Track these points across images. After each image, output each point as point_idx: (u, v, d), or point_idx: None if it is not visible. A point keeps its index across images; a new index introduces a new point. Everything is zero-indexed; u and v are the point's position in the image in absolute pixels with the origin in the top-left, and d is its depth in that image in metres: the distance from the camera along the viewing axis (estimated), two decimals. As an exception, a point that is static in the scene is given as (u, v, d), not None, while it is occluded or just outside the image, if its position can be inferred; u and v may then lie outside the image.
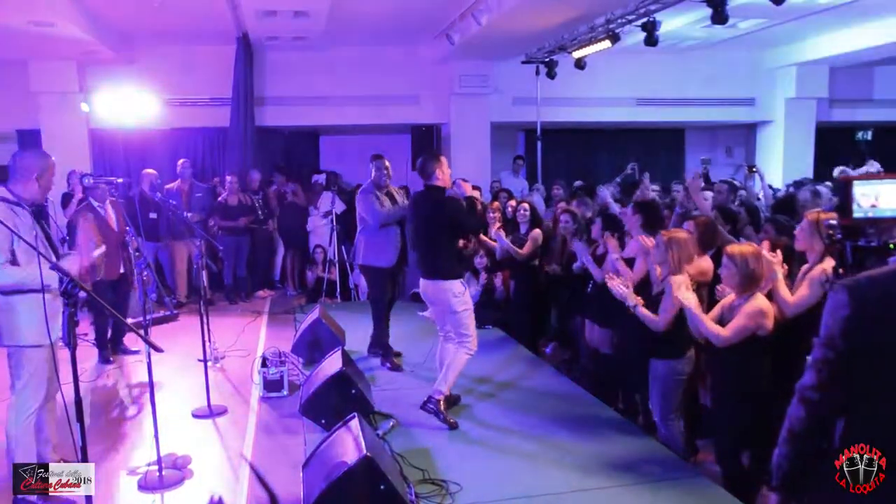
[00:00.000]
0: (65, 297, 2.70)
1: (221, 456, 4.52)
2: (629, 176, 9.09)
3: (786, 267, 3.96)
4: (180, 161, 9.35)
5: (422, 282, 5.17)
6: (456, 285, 4.99)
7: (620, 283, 4.38)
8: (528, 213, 6.89)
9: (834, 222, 3.08)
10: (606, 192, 8.07)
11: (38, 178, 3.72)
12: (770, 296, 3.87)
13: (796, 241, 4.04)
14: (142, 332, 3.51)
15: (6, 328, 3.64)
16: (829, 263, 3.57)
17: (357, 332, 6.61)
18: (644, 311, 4.22)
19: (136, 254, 6.52)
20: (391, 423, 4.88)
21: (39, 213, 3.84)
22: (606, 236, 5.35)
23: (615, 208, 7.20)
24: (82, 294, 2.73)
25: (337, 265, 9.40)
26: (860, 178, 2.40)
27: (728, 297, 3.93)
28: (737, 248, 3.89)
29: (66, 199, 8.27)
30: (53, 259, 3.52)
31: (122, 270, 6.50)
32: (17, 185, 3.69)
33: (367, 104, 10.78)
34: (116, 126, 9.58)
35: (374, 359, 6.44)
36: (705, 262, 4.57)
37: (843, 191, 2.54)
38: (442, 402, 4.96)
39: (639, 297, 4.34)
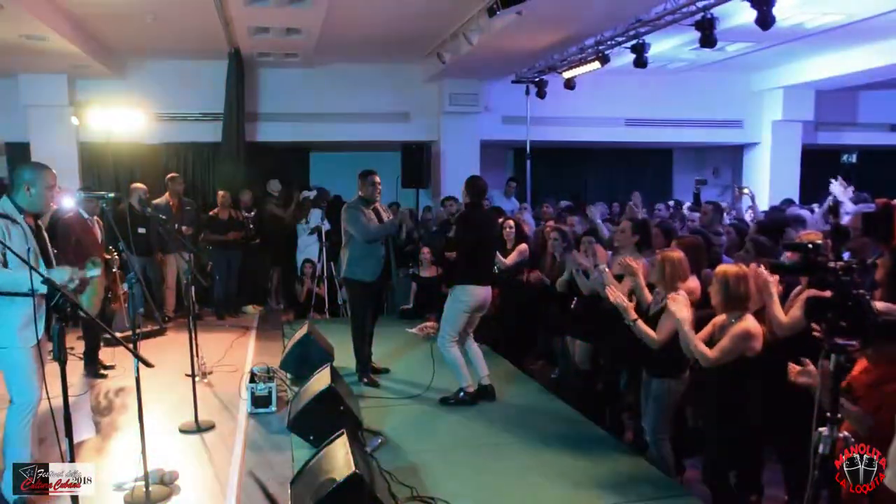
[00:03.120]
0: (55, 311, 2.69)
1: (209, 471, 4.49)
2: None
3: (781, 287, 3.97)
4: (172, 175, 9.31)
5: (483, 289, 5.73)
6: None
7: (622, 297, 4.37)
8: (512, 229, 6.96)
9: (819, 242, 3.13)
10: (596, 212, 8.12)
11: (28, 189, 3.80)
12: (758, 315, 3.89)
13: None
14: (130, 346, 3.49)
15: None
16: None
17: (346, 349, 6.58)
18: (643, 327, 4.21)
19: (117, 270, 6.50)
20: (379, 440, 4.88)
21: (38, 227, 3.90)
22: (591, 245, 5.40)
23: (604, 229, 7.26)
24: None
25: (326, 281, 9.39)
26: None
27: (720, 316, 3.91)
28: (722, 267, 3.92)
29: None
30: (44, 272, 3.52)
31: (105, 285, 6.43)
32: (18, 197, 3.80)
33: (357, 121, 10.82)
34: (106, 140, 9.56)
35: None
36: (692, 282, 4.59)
37: (887, 215, 2.59)
38: None
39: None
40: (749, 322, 3.74)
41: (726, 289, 3.75)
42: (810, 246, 2.72)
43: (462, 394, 5.70)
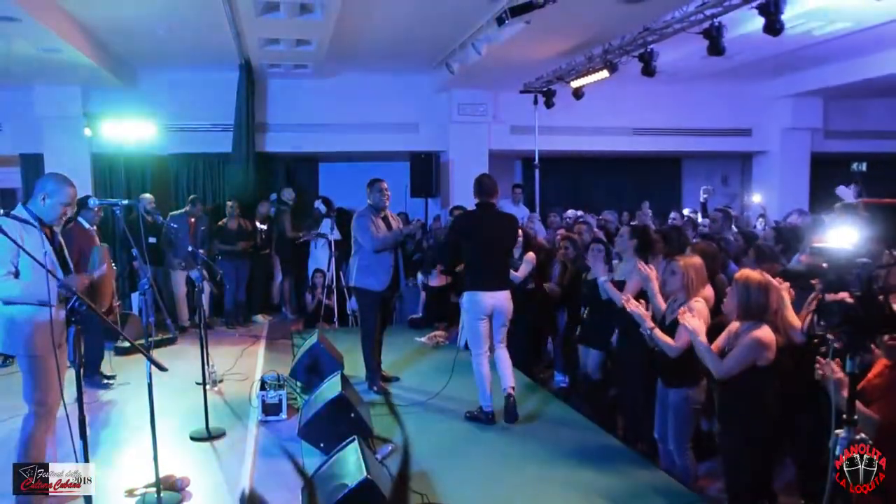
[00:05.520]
0: (71, 314, 2.72)
1: (219, 478, 4.50)
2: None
3: (793, 293, 3.93)
4: (192, 197, 9.39)
5: (490, 295, 5.40)
6: None
7: (638, 306, 4.34)
8: (520, 238, 6.93)
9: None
10: (592, 221, 8.13)
11: (43, 199, 3.83)
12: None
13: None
14: (144, 349, 3.51)
15: (13, 338, 3.70)
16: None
17: (355, 358, 6.60)
18: (661, 335, 4.16)
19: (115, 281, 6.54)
20: (390, 448, 4.88)
21: (52, 234, 3.93)
22: (599, 254, 5.38)
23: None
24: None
25: (335, 290, 9.41)
26: None
27: (734, 323, 3.83)
28: (745, 273, 3.79)
29: None
30: (61, 276, 3.60)
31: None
32: (33, 205, 3.84)
33: (366, 131, 10.87)
34: (118, 150, 9.65)
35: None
36: (706, 290, 4.58)
37: None
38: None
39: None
40: (763, 331, 3.62)
41: (747, 297, 3.64)
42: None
43: (480, 411, 5.49)
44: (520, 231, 7.00)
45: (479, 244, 5.47)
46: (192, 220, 9.10)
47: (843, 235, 2.43)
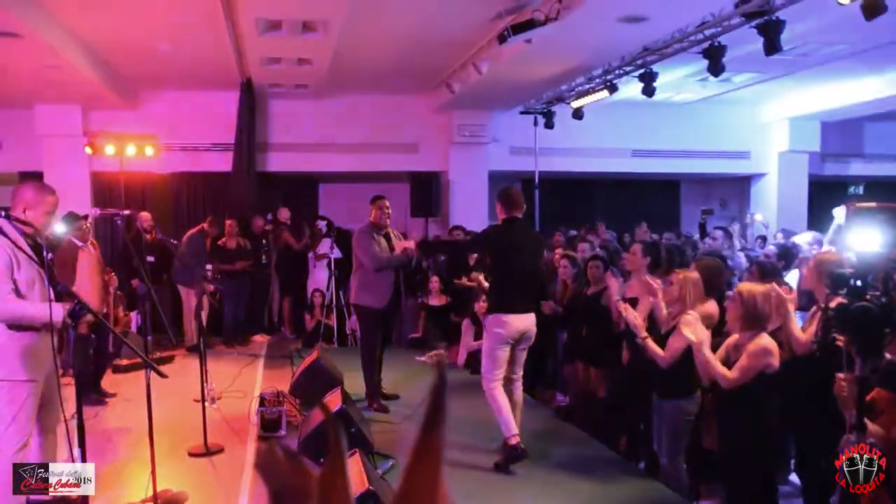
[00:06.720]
0: (71, 318, 2.69)
1: (218, 493, 4.44)
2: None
3: (795, 303, 3.94)
4: (210, 217, 9.44)
5: (521, 318, 4.90)
6: None
7: (634, 315, 4.35)
8: None
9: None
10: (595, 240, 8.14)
11: (24, 211, 3.52)
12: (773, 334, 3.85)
13: (803, 281, 4.06)
14: (145, 357, 3.47)
15: None
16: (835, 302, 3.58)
17: (354, 376, 6.54)
18: (652, 345, 4.18)
19: (118, 293, 6.53)
20: (390, 464, 4.82)
21: (37, 246, 3.57)
22: (608, 277, 5.37)
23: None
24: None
25: (335, 310, 9.37)
26: None
27: (732, 336, 3.86)
28: (746, 285, 3.85)
29: None
30: (51, 292, 3.43)
31: (104, 310, 6.38)
32: (15, 214, 3.53)
33: (366, 152, 10.91)
34: (118, 169, 9.67)
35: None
36: (710, 306, 4.55)
37: None
38: None
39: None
40: (766, 339, 3.67)
41: (753, 307, 3.65)
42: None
43: (507, 448, 4.85)
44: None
45: (511, 261, 4.96)
46: (208, 240, 9.12)
47: (864, 238, 2.41)
